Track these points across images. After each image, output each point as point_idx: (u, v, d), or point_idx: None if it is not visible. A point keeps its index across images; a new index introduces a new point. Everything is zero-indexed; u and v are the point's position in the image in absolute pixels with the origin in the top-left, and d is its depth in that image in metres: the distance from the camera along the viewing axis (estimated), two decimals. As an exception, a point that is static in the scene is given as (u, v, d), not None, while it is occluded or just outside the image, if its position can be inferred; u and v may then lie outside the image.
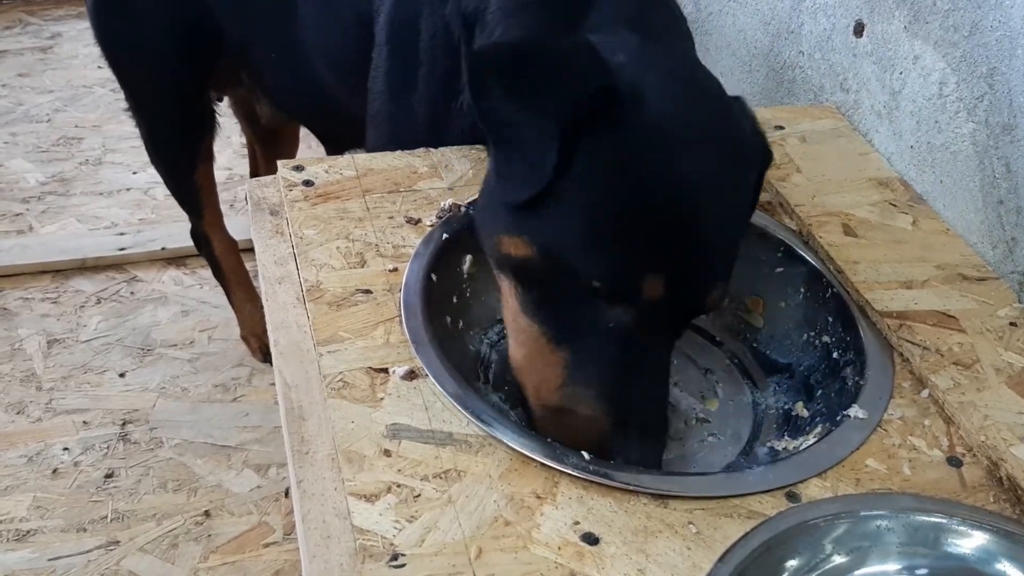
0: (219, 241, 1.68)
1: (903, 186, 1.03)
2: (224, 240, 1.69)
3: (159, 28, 1.39)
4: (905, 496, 0.71)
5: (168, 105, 1.49)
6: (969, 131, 0.97)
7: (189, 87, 1.46)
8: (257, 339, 1.72)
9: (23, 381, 1.66)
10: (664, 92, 0.76)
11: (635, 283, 0.73)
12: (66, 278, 1.89)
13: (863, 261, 0.92)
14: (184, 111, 1.49)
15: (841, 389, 0.83)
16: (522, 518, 0.68)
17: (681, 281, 0.74)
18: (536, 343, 0.77)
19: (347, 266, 0.88)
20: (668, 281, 0.73)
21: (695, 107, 0.78)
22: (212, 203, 1.63)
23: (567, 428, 0.75)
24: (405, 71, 1.03)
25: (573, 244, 0.74)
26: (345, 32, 1.17)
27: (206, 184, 1.58)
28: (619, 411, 0.74)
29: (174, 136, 1.53)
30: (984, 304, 0.88)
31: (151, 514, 1.45)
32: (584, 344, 0.75)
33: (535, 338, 0.77)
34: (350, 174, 0.98)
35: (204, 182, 1.57)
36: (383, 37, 1.06)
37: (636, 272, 0.73)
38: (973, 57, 0.95)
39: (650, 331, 0.75)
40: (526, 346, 0.78)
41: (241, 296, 1.74)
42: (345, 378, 0.77)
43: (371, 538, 0.66)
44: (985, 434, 0.76)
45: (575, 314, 0.75)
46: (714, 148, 0.77)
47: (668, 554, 0.66)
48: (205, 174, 1.57)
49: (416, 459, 0.71)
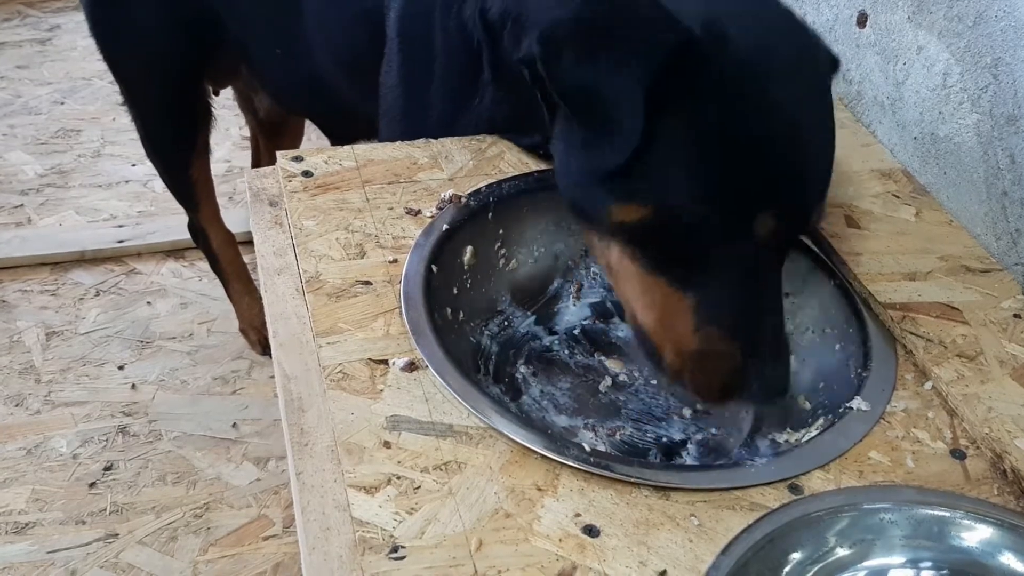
0: (216, 234, 1.68)
1: (906, 177, 1.03)
2: (221, 233, 1.68)
3: (155, 19, 1.38)
4: (909, 489, 0.70)
5: (163, 98, 1.49)
6: (973, 122, 0.96)
7: (185, 80, 1.45)
8: (256, 332, 1.71)
9: (22, 373, 1.66)
10: (738, 24, 0.76)
11: (749, 220, 0.75)
12: (65, 270, 1.89)
13: (866, 253, 0.91)
14: (180, 104, 1.48)
15: (844, 381, 0.83)
16: (523, 510, 0.67)
17: (790, 208, 0.76)
18: (666, 298, 0.78)
19: (347, 257, 0.87)
20: (779, 212, 0.75)
21: (770, 30, 0.79)
22: (208, 196, 1.62)
23: (706, 370, 0.77)
24: (420, 67, 1.03)
25: (684, 196, 0.75)
26: (354, 28, 1.16)
27: (202, 177, 1.57)
28: (750, 340, 0.76)
29: (169, 129, 1.52)
30: (988, 296, 0.88)
31: (150, 507, 1.45)
32: (708, 286, 0.77)
33: (664, 293, 0.78)
34: (350, 165, 0.97)
35: (200, 175, 1.57)
36: (395, 31, 1.05)
37: (749, 209, 0.75)
38: (977, 47, 0.94)
39: (764, 260, 0.77)
40: (656, 303, 0.79)
41: (239, 289, 1.73)
42: (345, 369, 0.77)
43: (371, 530, 0.65)
44: (989, 426, 0.75)
45: (695, 260, 0.77)
46: (799, 69, 0.78)
47: (670, 546, 0.66)
48: (201, 167, 1.56)
49: (416, 451, 0.71)
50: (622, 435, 0.84)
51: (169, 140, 1.54)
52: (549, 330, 0.94)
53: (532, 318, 0.95)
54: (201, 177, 1.57)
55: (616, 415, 0.86)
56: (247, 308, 1.72)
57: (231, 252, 1.71)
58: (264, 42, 1.34)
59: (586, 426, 0.84)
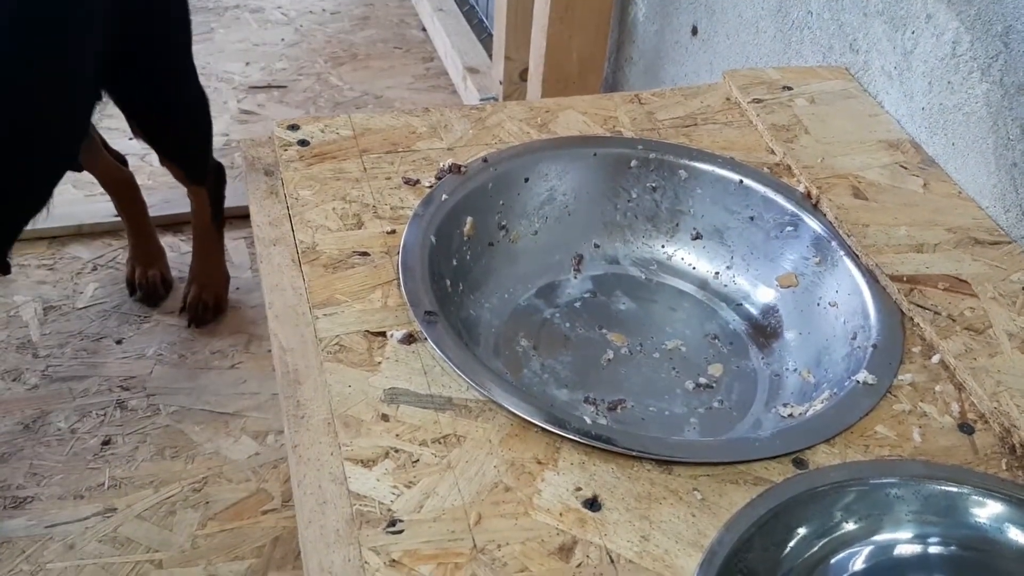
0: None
1: (914, 148, 1.01)
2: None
3: None
4: (916, 463, 0.69)
5: None
6: (983, 92, 0.94)
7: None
8: (142, 270, 1.72)
9: (19, 348, 1.65)
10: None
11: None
12: (62, 244, 1.87)
13: (873, 224, 0.89)
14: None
15: (849, 354, 0.81)
16: (523, 484, 0.66)
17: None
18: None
19: (343, 228, 0.86)
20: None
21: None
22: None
23: None
24: None
25: None
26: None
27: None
28: None
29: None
30: (997, 268, 0.86)
31: (148, 481, 1.44)
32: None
33: None
34: (347, 134, 0.96)
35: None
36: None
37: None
38: (988, 15, 0.92)
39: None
40: None
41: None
42: (342, 342, 0.76)
43: (368, 503, 0.64)
44: (997, 400, 0.74)
45: None
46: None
47: (672, 521, 0.65)
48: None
49: (414, 424, 0.70)
50: (624, 409, 0.83)
51: None
52: (550, 303, 0.93)
53: (532, 291, 0.93)
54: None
55: (618, 389, 0.85)
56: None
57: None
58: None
59: (587, 400, 0.83)
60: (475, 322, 0.88)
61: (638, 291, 0.95)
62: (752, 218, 0.94)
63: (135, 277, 1.74)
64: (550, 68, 1.71)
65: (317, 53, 2.46)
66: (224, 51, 2.42)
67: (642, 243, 0.97)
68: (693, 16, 1.52)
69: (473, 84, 2.16)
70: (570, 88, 1.73)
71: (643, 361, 0.88)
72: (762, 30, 1.32)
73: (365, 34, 2.56)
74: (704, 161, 0.96)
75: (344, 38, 2.53)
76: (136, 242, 1.76)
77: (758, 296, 0.93)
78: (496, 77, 2.04)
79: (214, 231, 1.70)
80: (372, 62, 2.45)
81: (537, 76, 1.74)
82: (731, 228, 0.95)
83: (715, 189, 0.95)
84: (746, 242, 0.94)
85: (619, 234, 0.97)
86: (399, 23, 2.62)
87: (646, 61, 1.72)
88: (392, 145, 0.95)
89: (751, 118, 1.04)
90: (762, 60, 1.32)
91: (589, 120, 1.01)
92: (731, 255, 0.95)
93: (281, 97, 2.30)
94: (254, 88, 2.32)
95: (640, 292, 0.95)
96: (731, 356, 0.89)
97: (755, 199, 0.93)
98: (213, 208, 1.67)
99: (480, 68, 2.21)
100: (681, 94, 1.07)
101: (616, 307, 0.93)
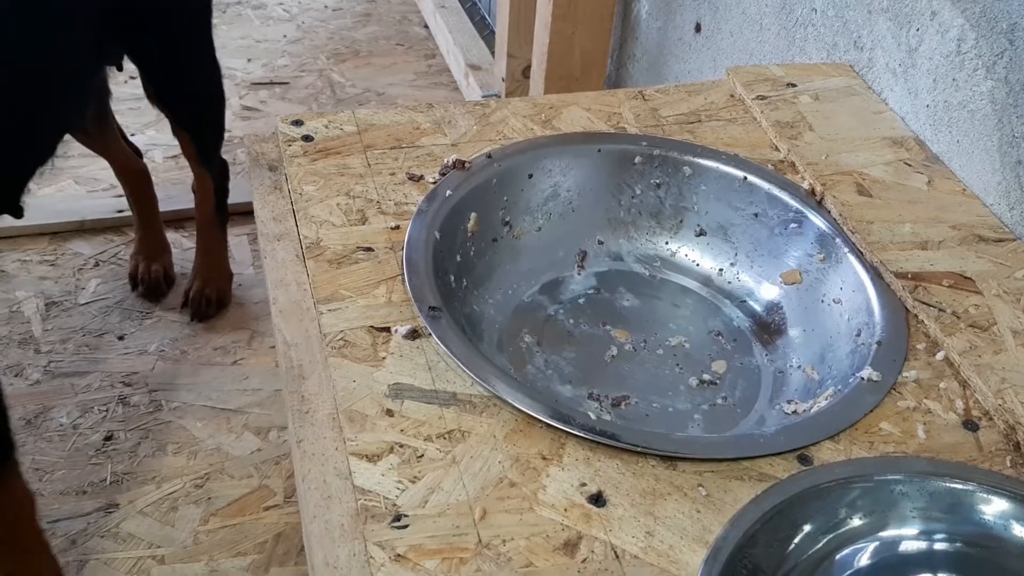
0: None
1: (918, 145, 1.01)
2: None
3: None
4: (920, 459, 0.69)
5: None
6: (988, 89, 0.94)
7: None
8: (145, 264, 1.72)
9: (21, 344, 1.65)
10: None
11: None
12: (64, 240, 1.87)
13: (877, 221, 0.89)
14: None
15: (853, 351, 0.81)
16: (527, 479, 0.66)
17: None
18: None
19: (348, 223, 0.86)
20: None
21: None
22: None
23: None
24: None
25: None
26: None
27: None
28: None
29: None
30: (1001, 266, 0.86)
31: (150, 477, 1.44)
32: None
33: None
34: (351, 129, 0.96)
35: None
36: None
37: None
38: (993, 12, 0.92)
39: None
40: None
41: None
42: (346, 337, 0.76)
43: (373, 498, 0.64)
44: (1002, 398, 0.74)
45: None
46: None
47: (677, 516, 0.65)
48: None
49: (419, 419, 0.70)
50: (627, 405, 0.83)
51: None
52: (554, 299, 0.93)
53: (536, 287, 0.93)
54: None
55: (622, 385, 0.85)
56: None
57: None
58: None
59: (591, 396, 0.83)
60: (479, 318, 0.88)
61: (642, 287, 0.95)
62: (756, 215, 0.94)
63: (138, 271, 1.74)
64: (553, 65, 1.71)
65: (319, 50, 2.46)
66: (226, 48, 2.42)
67: (646, 239, 0.97)
68: (697, 13, 1.52)
69: (475, 81, 2.15)
70: (573, 85, 1.72)
71: (647, 357, 0.88)
72: (766, 27, 1.32)
73: (367, 31, 2.56)
74: (708, 158, 0.96)
75: (346, 35, 2.53)
76: (143, 235, 1.76)
77: (762, 293, 0.93)
78: (498, 74, 2.04)
79: (218, 225, 1.70)
80: (374, 59, 2.45)
81: (540, 73, 1.74)
82: (735, 225, 0.95)
83: (719, 186, 0.95)
84: (750, 239, 0.94)
85: (623, 230, 0.97)
86: (401, 20, 2.62)
87: (649, 58, 1.71)
88: (396, 141, 0.95)
89: (755, 115, 1.04)
90: (766, 57, 1.32)
91: (593, 116, 1.01)
92: (735, 252, 0.95)
93: (283, 94, 2.30)
94: (256, 84, 2.32)
95: (644, 288, 0.95)
96: (735, 353, 0.89)
97: (759, 196, 0.93)
98: (217, 199, 1.67)
99: (482, 65, 2.21)
100: (685, 91, 1.07)
101: (620, 303, 0.93)
